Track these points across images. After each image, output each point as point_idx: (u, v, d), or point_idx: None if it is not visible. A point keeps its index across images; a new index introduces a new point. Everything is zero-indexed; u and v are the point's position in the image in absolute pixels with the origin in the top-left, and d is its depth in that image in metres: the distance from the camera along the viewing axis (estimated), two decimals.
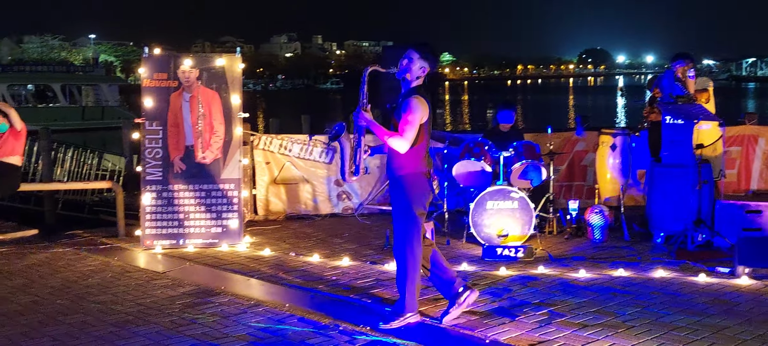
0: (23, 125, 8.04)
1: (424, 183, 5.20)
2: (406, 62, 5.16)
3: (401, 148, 5.08)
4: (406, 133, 5.05)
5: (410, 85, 5.20)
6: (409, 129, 5.05)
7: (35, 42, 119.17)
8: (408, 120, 5.05)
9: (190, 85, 8.05)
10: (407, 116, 5.05)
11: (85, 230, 9.35)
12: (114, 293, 6.20)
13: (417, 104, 5.07)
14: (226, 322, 5.35)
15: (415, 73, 5.18)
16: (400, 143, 5.06)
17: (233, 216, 8.10)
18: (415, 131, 5.08)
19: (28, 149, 11.65)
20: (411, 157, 5.13)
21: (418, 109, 5.06)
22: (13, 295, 6.13)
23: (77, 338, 5.02)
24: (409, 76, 5.18)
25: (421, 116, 5.09)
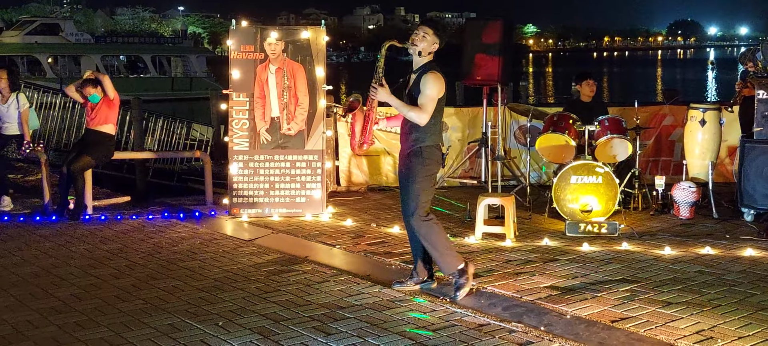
0: (116, 94, 8.34)
1: (438, 155, 5.38)
2: (421, 37, 5.32)
3: (421, 121, 5.25)
4: (427, 107, 5.22)
5: (423, 60, 5.35)
6: (430, 103, 5.23)
7: (127, 14, 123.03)
8: (427, 94, 5.22)
9: (276, 58, 8.19)
10: (426, 91, 5.22)
11: (174, 198, 9.69)
12: (202, 259, 6.42)
13: (435, 79, 5.22)
14: (309, 289, 5.48)
15: (428, 49, 5.32)
16: (421, 116, 5.23)
17: (316, 187, 8.24)
18: (434, 105, 5.25)
19: (120, 119, 12.09)
20: (428, 129, 5.31)
21: (436, 83, 5.22)
22: (108, 259, 6.42)
23: (167, 301, 5.23)
24: (423, 51, 5.33)
25: (438, 90, 5.24)
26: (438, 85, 5.23)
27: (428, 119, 5.24)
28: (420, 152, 5.33)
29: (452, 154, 10.18)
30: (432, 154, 5.34)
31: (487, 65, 9.34)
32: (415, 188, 5.31)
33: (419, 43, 5.30)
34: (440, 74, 5.28)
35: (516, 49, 13.08)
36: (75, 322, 4.77)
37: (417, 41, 5.30)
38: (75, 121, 14.70)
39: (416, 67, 5.34)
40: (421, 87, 5.24)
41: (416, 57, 5.34)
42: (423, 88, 5.23)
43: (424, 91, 5.22)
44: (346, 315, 4.88)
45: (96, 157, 8.36)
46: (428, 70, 5.26)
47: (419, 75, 5.29)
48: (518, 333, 4.54)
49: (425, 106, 5.21)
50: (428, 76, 5.23)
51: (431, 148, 5.34)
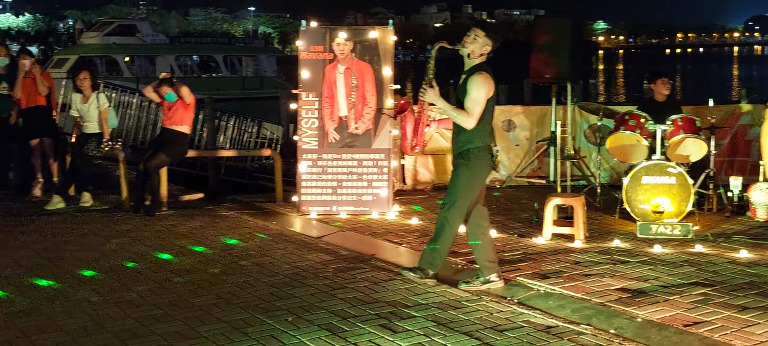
0: (192, 99, 8.57)
1: (487, 158, 5.40)
2: (472, 39, 5.32)
3: (468, 124, 5.25)
4: (474, 110, 5.22)
5: (474, 62, 5.34)
6: (476, 105, 5.22)
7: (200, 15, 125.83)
8: (474, 97, 5.21)
9: (345, 58, 8.27)
10: (473, 93, 5.21)
11: (245, 195, 9.89)
12: (272, 255, 6.54)
13: (483, 81, 5.24)
14: (376, 287, 5.53)
15: (479, 51, 5.34)
16: (468, 120, 5.24)
17: (383, 185, 8.30)
18: (482, 107, 5.24)
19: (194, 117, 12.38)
20: (477, 132, 5.30)
21: (484, 85, 5.20)
22: (182, 254, 6.60)
23: (238, 296, 5.35)
24: (473, 53, 5.32)
25: (486, 92, 5.22)
26: (485, 87, 5.22)
27: (475, 122, 5.24)
28: (467, 155, 5.36)
29: (520, 153, 10.11)
30: (479, 157, 5.35)
31: (556, 63, 9.25)
32: (456, 190, 5.39)
33: (469, 45, 5.32)
34: (489, 76, 5.26)
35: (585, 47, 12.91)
36: (151, 315, 4.93)
37: (467, 43, 5.32)
38: (151, 119, 15.12)
39: (467, 69, 5.35)
40: (468, 89, 5.24)
41: (467, 59, 5.35)
42: (470, 90, 5.23)
43: (471, 94, 5.22)
44: (412, 314, 4.91)
45: (171, 155, 8.59)
46: (476, 72, 5.25)
47: (467, 77, 5.29)
48: (587, 336, 4.49)
49: (472, 108, 5.22)
50: (475, 78, 5.23)
51: (478, 151, 5.34)
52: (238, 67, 47.82)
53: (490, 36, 5.33)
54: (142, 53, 45.36)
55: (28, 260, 6.35)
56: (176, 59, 44.13)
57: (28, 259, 6.39)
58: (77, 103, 8.93)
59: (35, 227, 7.66)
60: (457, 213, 5.43)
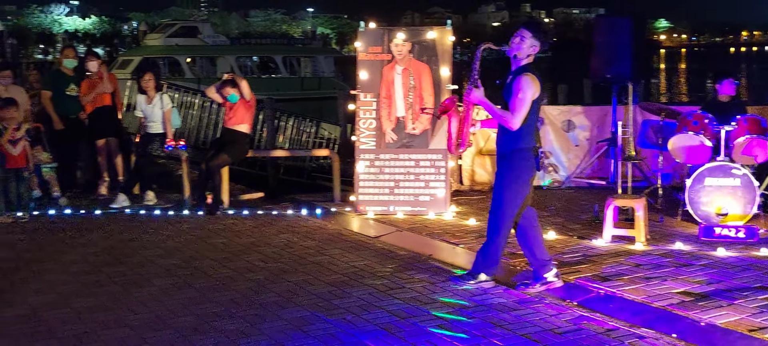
0: (252, 96, 8.70)
1: (530, 159, 5.34)
2: (518, 40, 5.27)
3: (513, 126, 5.21)
4: (518, 111, 5.16)
5: (520, 62, 5.30)
6: (520, 107, 5.17)
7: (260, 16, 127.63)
8: (519, 98, 5.16)
9: (403, 58, 8.30)
10: (518, 94, 5.17)
11: (303, 195, 10.00)
12: (330, 254, 6.61)
13: (528, 82, 5.15)
14: (434, 288, 5.54)
15: (526, 52, 5.25)
16: (512, 121, 5.20)
17: (440, 186, 8.30)
18: (526, 109, 5.19)
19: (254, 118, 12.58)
20: (521, 133, 5.26)
21: (529, 86, 5.15)
22: (243, 253, 6.72)
23: (297, 295, 5.42)
24: (519, 53, 5.27)
25: (532, 94, 5.16)
26: (531, 88, 5.18)
27: (519, 123, 5.20)
28: (510, 156, 5.35)
29: (579, 154, 9.99)
30: (523, 158, 5.32)
31: (616, 62, 9.12)
32: (501, 193, 5.38)
33: (516, 46, 5.27)
34: (535, 77, 5.22)
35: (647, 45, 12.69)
36: (213, 312, 5.03)
37: (514, 44, 5.28)
38: (212, 120, 15.39)
39: (514, 70, 5.31)
40: (513, 90, 5.20)
41: (513, 60, 5.31)
42: (514, 90, 5.20)
43: (516, 94, 5.18)
44: (470, 315, 4.91)
45: (232, 155, 8.75)
46: (522, 73, 5.22)
47: (513, 78, 5.26)
48: (648, 339, 4.43)
49: (516, 109, 5.18)
50: (520, 79, 5.19)
51: (522, 152, 5.31)
52: (297, 67, 48.26)
53: (537, 36, 5.26)
54: (203, 54, 46.14)
55: (94, 257, 6.54)
56: (236, 60, 44.75)
57: (94, 256, 6.59)
58: (142, 103, 9.16)
59: (101, 225, 7.88)
60: (504, 216, 5.42)
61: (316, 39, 62.80)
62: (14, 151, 8.13)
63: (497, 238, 5.48)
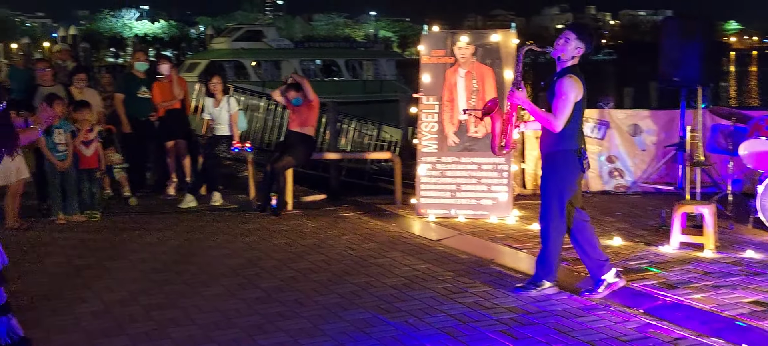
0: (315, 97, 8.81)
1: (575, 161, 5.30)
2: (563, 42, 5.26)
3: (555, 127, 5.19)
4: (560, 112, 5.15)
5: (565, 64, 5.27)
6: (563, 108, 5.14)
7: (323, 20, 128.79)
8: (562, 99, 5.14)
9: (466, 61, 8.29)
10: (561, 96, 5.15)
11: (365, 197, 10.06)
12: (391, 257, 6.64)
13: (571, 83, 5.14)
14: (495, 293, 5.52)
15: (570, 53, 5.24)
16: (554, 122, 5.18)
17: (503, 189, 8.25)
18: (569, 110, 5.16)
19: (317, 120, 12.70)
20: (563, 135, 5.22)
21: (572, 88, 5.14)
22: (306, 254, 6.81)
23: (360, 296, 5.47)
24: (563, 55, 5.26)
25: (575, 95, 5.15)
26: (573, 90, 5.16)
27: (561, 125, 5.19)
28: (553, 158, 5.34)
29: (646, 159, 9.81)
30: (567, 160, 5.30)
31: (685, 65, 8.92)
32: (548, 197, 5.38)
33: (560, 47, 5.26)
34: (578, 78, 5.21)
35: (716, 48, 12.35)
36: (277, 312, 5.11)
37: (559, 45, 5.28)
38: (277, 122, 15.60)
39: (558, 71, 5.31)
40: (556, 91, 5.21)
41: (558, 61, 5.31)
42: (557, 92, 5.20)
43: (559, 96, 5.18)
44: (533, 321, 4.87)
45: (296, 157, 8.86)
46: (565, 75, 5.21)
47: (556, 79, 5.26)
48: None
49: (559, 111, 5.18)
50: (563, 81, 5.19)
51: (566, 153, 5.29)
52: (359, 70, 48.56)
53: (582, 38, 5.25)
54: (268, 58, 46.80)
55: (162, 256, 6.72)
56: (300, 63, 45.27)
57: (163, 255, 6.76)
58: (209, 106, 9.35)
59: (169, 225, 8.08)
60: (554, 219, 5.39)
61: (378, 42, 63.10)
62: (87, 152, 8.39)
63: (549, 242, 5.45)
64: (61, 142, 8.10)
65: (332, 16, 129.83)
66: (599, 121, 9.74)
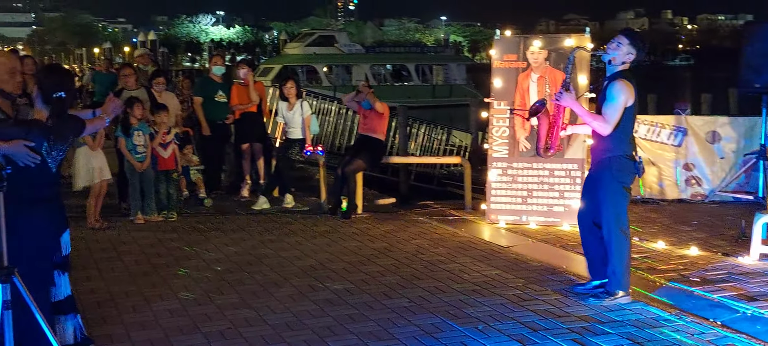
0: (385, 108, 8.86)
1: (629, 165, 5.27)
2: (615, 46, 5.26)
3: (604, 130, 5.19)
4: (610, 116, 5.14)
5: (616, 69, 5.26)
6: (612, 112, 5.13)
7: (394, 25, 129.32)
8: (612, 103, 5.14)
9: (539, 66, 8.20)
10: (611, 100, 5.14)
11: (434, 201, 10.06)
12: (461, 262, 6.62)
13: (622, 87, 5.13)
14: (567, 301, 5.45)
15: (621, 59, 5.23)
16: (603, 126, 5.17)
17: (575, 196, 8.11)
18: (619, 114, 5.14)
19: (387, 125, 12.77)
20: (615, 139, 5.21)
21: (623, 92, 5.13)
22: (376, 257, 6.85)
23: (429, 301, 5.47)
24: (614, 60, 5.25)
25: (625, 99, 5.14)
26: (624, 93, 5.16)
27: (611, 128, 5.20)
28: (608, 163, 5.31)
29: (725, 167, 9.53)
30: (622, 165, 5.29)
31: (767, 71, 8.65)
32: (608, 202, 5.31)
33: (612, 51, 5.28)
34: (629, 83, 5.20)
35: None
36: (347, 315, 5.16)
37: (610, 49, 5.30)
38: (347, 126, 15.74)
39: (608, 75, 5.31)
40: (607, 95, 5.21)
41: (608, 65, 5.32)
42: (608, 96, 5.20)
43: (609, 100, 5.19)
44: (606, 330, 4.80)
45: (367, 161, 8.92)
46: (616, 79, 5.21)
47: (607, 83, 5.26)
48: None
49: (609, 115, 5.18)
50: (614, 85, 5.19)
51: (621, 159, 5.28)
52: (429, 75, 48.60)
53: (634, 44, 5.25)
54: (339, 63, 47.30)
55: (236, 256, 6.85)
56: (371, 68, 45.58)
57: (236, 255, 6.90)
58: (283, 110, 9.49)
59: (242, 226, 8.23)
60: (617, 226, 5.30)
61: (448, 47, 62.92)
62: (164, 153, 8.62)
63: (617, 250, 5.32)
64: (140, 144, 8.34)
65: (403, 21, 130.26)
66: (676, 127, 9.51)
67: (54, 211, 4.24)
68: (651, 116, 10.06)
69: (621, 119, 5.19)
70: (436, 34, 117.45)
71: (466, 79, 49.06)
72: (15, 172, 3.87)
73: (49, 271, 4.22)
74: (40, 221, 4.07)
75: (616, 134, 5.22)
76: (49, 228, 4.17)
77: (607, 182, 5.30)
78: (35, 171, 4.04)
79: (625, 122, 5.23)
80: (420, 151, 15.37)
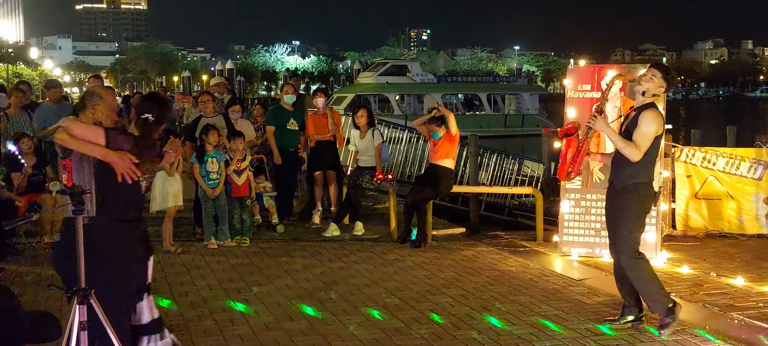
0: (458, 131, 8.84)
1: (652, 192, 5.45)
2: (649, 78, 5.41)
3: (634, 157, 5.28)
4: (641, 144, 5.26)
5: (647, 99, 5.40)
6: (644, 140, 5.27)
7: (466, 54, 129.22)
8: (643, 131, 5.26)
9: (613, 96, 8.07)
10: (643, 127, 5.27)
11: (505, 232, 9.96)
12: (531, 294, 6.53)
13: (654, 117, 5.29)
14: (640, 336, 5.32)
15: (653, 90, 5.41)
16: (634, 152, 5.27)
17: (650, 229, 7.92)
18: (649, 143, 5.28)
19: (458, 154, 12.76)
20: (644, 167, 5.34)
21: (654, 122, 5.28)
22: (444, 287, 6.82)
23: (499, 334, 5.42)
24: (647, 91, 5.39)
25: (655, 129, 5.28)
26: (655, 123, 5.31)
27: (641, 155, 5.31)
28: (634, 189, 5.42)
29: None
30: (647, 192, 5.42)
31: None
32: (627, 226, 5.40)
33: (645, 83, 5.44)
34: (659, 113, 5.39)
35: None
36: (415, 345, 5.15)
37: (644, 81, 5.46)
38: (418, 155, 15.79)
39: (637, 105, 5.46)
40: (639, 123, 5.33)
41: (639, 96, 5.47)
42: (640, 124, 5.32)
43: (641, 128, 5.31)
44: None
45: (436, 189, 8.92)
46: (648, 108, 5.36)
47: (638, 112, 5.39)
48: None
49: (640, 142, 5.30)
50: (646, 113, 5.34)
51: (646, 186, 5.41)
52: (501, 104, 48.34)
53: (666, 78, 5.45)
54: (411, 92, 47.50)
55: (306, 283, 6.92)
56: (442, 97, 45.62)
57: (306, 282, 6.97)
58: (355, 138, 9.59)
59: (313, 252, 8.32)
60: (633, 251, 5.40)
61: (521, 76, 62.52)
62: (239, 180, 8.79)
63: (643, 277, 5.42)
64: (213, 171, 8.50)
65: (476, 50, 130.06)
66: (756, 160, 9.21)
67: (142, 233, 4.32)
68: (730, 149, 9.78)
69: (649, 148, 5.32)
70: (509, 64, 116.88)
71: (539, 109, 48.60)
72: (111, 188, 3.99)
73: (132, 293, 4.23)
74: (129, 243, 4.15)
75: (641, 163, 5.35)
76: (137, 250, 4.22)
77: (631, 207, 5.42)
78: (131, 190, 4.12)
79: (652, 151, 5.38)
80: (491, 181, 15.29)
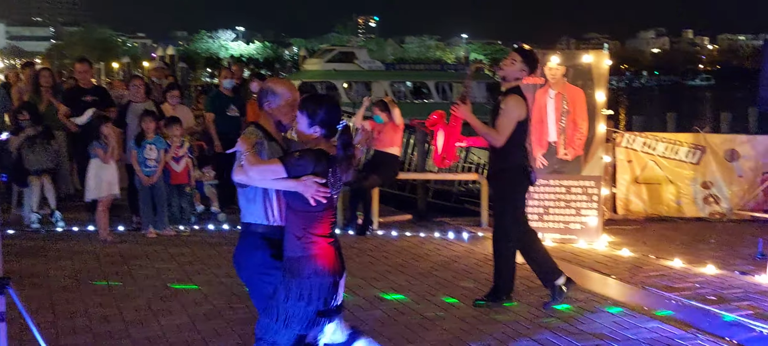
0: (401, 121, 8.83)
1: (521, 176, 5.56)
2: (509, 63, 5.53)
3: (496, 142, 5.44)
4: (502, 130, 5.41)
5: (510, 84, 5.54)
6: (505, 126, 5.40)
7: (414, 42, 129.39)
8: (504, 117, 5.42)
9: (556, 82, 8.13)
10: (504, 114, 5.42)
11: (451, 218, 9.99)
12: (476, 279, 6.55)
13: (515, 102, 5.42)
14: (582, 319, 5.38)
15: (514, 75, 5.53)
16: (496, 138, 5.44)
17: (592, 213, 8.05)
18: (511, 128, 5.41)
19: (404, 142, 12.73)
20: (509, 153, 5.47)
21: (515, 107, 5.41)
22: (390, 273, 6.79)
23: (444, 319, 5.43)
24: (508, 76, 5.53)
25: (517, 114, 5.41)
26: (516, 108, 5.44)
27: (503, 140, 5.44)
28: (501, 175, 5.59)
29: (743, 185, 9.40)
30: (515, 175, 5.55)
31: None
32: (499, 210, 5.62)
33: (506, 68, 5.56)
34: (521, 98, 5.49)
35: None
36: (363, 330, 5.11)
37: (504, 66, 5.58)
38: None
39: (502, 91, 5.60)
40: (501, 108, 5.47)
41: (503, 81, 5.60)
42: (502, 109, 5.46)
43: (503, 114, 5.44)
44: None
45: (382, 176, 8.89)
46: (509, 94, 5.48)
47: (501, 98, 5.54)
48: None
49: (502, 127, 5.45)
50: (507, 99, 5.47)
51: (511, 170, 5.54)
52: (449, 93, 48.56)
53: (527, 62, 5.54)
54: (359, 79, 47.38)
55: None
56: (390, 85, 45.65)
57: None
58: None
59: None
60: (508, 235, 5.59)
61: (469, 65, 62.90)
62: (177, 167, 8.58)
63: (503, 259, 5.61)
64: (151, 158, 8.27)
65: (424, 38, 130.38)
66: (694, 145, 9.40)
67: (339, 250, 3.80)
68: (669, 134, 9.97)
69: (514, 132, 5.43)
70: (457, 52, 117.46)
71: (487, 97, 48.98)
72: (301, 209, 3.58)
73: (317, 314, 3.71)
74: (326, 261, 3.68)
75: (509, 148, 5.47)
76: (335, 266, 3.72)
77: (501, 192, 5.62)
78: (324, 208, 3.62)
79: (518, 136, 5.50)
80: (438, 168, 15.31)
